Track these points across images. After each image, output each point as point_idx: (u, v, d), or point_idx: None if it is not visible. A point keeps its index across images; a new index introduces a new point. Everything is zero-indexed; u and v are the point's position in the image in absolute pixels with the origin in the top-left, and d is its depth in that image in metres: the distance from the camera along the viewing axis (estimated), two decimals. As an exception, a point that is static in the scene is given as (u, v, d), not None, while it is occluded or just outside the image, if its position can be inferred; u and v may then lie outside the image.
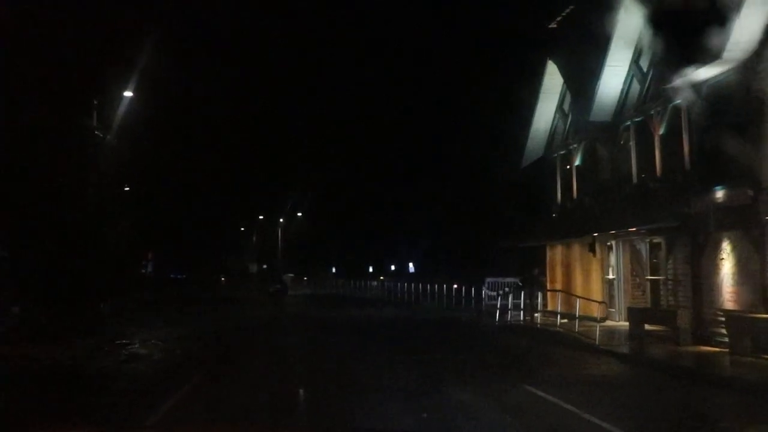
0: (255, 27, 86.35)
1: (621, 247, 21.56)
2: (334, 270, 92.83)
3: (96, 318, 28.35)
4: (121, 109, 34.36)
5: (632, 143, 20.72)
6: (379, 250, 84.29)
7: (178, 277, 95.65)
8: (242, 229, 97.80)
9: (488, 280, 30.68)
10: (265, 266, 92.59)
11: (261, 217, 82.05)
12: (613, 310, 21.35)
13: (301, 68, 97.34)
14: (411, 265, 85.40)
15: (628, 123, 20.95)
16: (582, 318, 19.56)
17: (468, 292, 32.20)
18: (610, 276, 22.15)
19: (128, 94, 34.13)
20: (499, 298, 24.74)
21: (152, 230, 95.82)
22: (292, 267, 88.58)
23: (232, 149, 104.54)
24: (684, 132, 17.76)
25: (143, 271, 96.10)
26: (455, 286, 35.25)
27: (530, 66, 27.34)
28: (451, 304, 33.43)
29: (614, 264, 21.79)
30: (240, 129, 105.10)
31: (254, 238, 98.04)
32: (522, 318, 22.10)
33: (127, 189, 60.99)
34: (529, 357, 15.40)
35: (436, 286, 36.25)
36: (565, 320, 20.60)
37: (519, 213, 29.78)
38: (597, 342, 16.25)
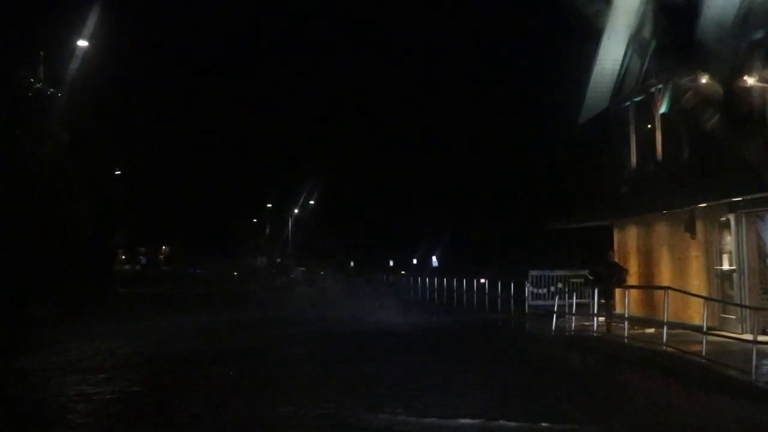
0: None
1: (744, 223, 14.57)
2: (352, 264, 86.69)
3: (22, 322, 22.09)
4: (75, 62, 27.93)
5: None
6: (400, 242, 77.77)
7: (195, 272, 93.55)
8: (255, 220, 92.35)
9: (532, 273, 23.81)
10: (279, 260, 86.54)
11: (269, 205, 75.34)
12: (733, 316, 14.36)
13: (312, 43, 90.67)
14: (434, 258, 78.73)
15: (760, 35, 13.96)
16: (673, 325, 12.83)
17: (506, 289, 25.31)
18: (725, 267, 15.15)
19: (82, 43, 27.73)
20: (557, 298, 17.86)
21: (161, 222, 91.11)
22: (308, 261, 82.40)
23: (244, 135, 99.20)
24: None
25: (137, 265, 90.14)
26: (485, 281, 28.39)
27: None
28: (484, 304, 26.59)
29: (734, 249, 14.75)
30: (252, 116, 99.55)
31: (267, 230, 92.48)
32: (595, 327, 15.17)
33: (118, 172, 55.11)
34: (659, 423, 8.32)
35: (465, 281, 29.43)
36: (656, 331, 13.66)
37: (574, 185, 22.79)
38: (754, 377, 9.33)
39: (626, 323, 13.74)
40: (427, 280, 35.06)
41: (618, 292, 16.96)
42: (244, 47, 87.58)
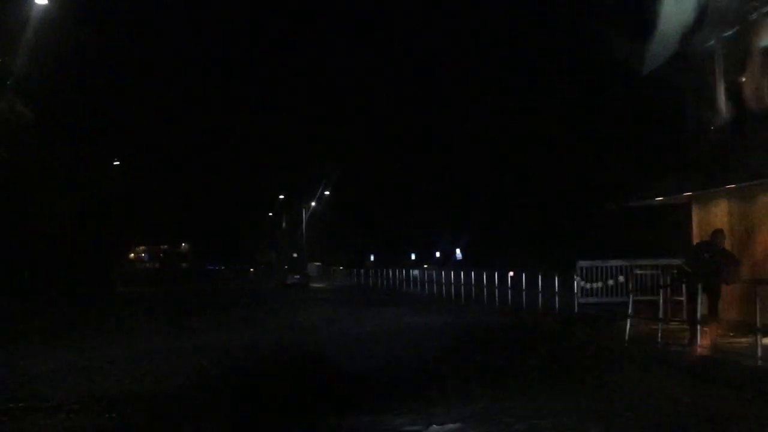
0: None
1: None
2: (372, 258, 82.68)
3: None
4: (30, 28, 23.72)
5: None
6: (422, 234, 73.53)
7: (214, 268, 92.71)
8: (270, 214, 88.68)
9: (582, 264, 19.39)
10: (295, 255, 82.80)
11: (282, 196, 71.27)
12: None
13: (325, 30, 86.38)
14: (458, 251, 74.43)
15: None
16: None
17: (548, 284, 20.84)
18: None
19: (41, 1, 23.57)
20: (631, 296, 13.31)
21: (180, 219, 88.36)
22: (325, 255, 78.50)
23: (261, 130, 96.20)
24: None
25: (156, 263, 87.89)
26: (519, 274, 23.67)
27: None
28: (519, 302, 22.20)
29: None
30: (270, 111, 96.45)
31: (284, 225, 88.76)
32: (688, 340, 10.61)
33: (116, 163, 51.43)
34: None
35: (496, 275, 25.00)
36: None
37: (636, 154, 18.25)
38: None
39: (759, 337, 9.18)
40: (452, 274, 30.66)
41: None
42: (255, 45, 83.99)
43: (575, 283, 18.97)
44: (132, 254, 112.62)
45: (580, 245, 25.06)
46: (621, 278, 17.35)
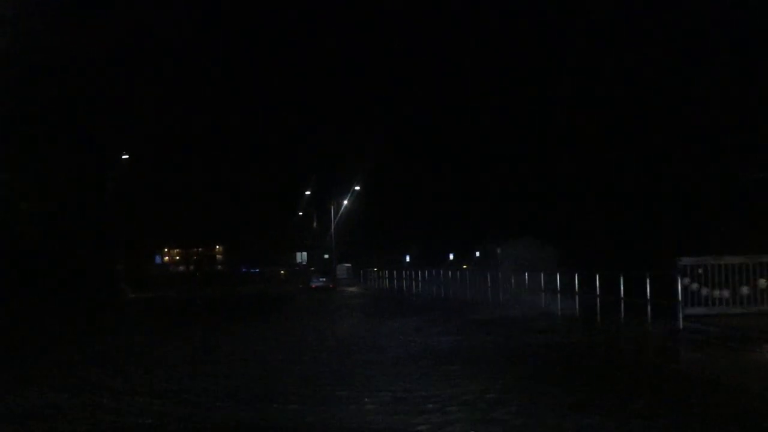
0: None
1: None
2: (408, 258, 78.06)
3: None
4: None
5: None
6: (461, 232, 68.59)
7: (247, 271, 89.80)
8: (300, 213, 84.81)
9: (684, 261, 14.18)
10: (326, 256, 78.72)
11: (307, 192, 66.80)
12: None
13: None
14: (499, 250, 68.91)
15: None
16: None
17: (633, 287, 15.62)
18: None
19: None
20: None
21: (215, 221, 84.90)
22: (358, 255, 74.08)
23: (294, 121, 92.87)
24: None
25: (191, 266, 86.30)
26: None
27: None
28: (590, 314, 17.09)
29: None
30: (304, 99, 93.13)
31: (314, 225, 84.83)
32: None
33: (125, 156, 47.63)
34: None
35: (559, 276, 19.82)
36: None
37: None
38: None
39: None
40: (499, 276, 25.56)
41: None
42: (283, 42, 79.60)
43: (678, 287, 13.80)
44: (167, 257, 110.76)
45: (644, 240, 19.78)
46: (763, 282, 12.24)
